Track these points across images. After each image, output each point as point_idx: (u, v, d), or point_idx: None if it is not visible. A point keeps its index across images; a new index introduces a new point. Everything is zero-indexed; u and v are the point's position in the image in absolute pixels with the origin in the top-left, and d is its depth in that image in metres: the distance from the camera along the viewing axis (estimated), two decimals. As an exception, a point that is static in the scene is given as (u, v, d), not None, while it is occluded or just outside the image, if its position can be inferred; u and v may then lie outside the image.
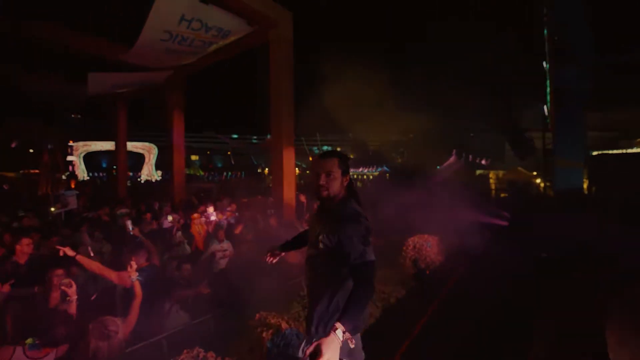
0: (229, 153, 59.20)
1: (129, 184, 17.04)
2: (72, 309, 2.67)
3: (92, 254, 4.18)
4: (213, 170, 50.35)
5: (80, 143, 38.40)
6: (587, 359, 2.22)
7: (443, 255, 6.32)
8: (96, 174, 40.71)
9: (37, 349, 2.13)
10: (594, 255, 5.40)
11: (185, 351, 2.43)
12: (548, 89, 5.92)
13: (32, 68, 10.38)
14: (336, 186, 1.75)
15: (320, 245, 1.71)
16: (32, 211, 8.00)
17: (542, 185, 12.99)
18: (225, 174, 47.08)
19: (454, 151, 16.66)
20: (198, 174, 45.68)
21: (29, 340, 2.09)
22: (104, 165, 48.24)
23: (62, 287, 2.67)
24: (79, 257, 3.20)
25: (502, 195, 16.17)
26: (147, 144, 41.49)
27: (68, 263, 3.24)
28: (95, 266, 3.32)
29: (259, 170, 49.03)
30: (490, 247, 7.48)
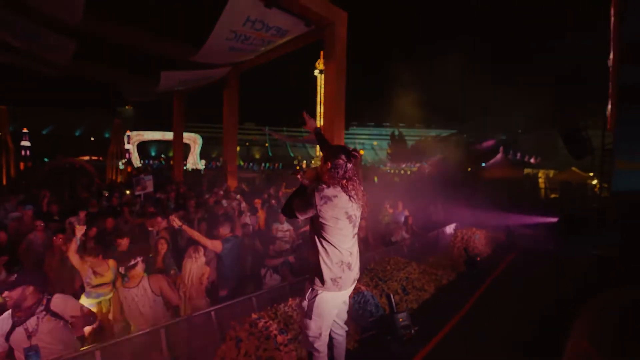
0: (266, 145, 61.25)
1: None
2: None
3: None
4: (252, 160, 52.53)
5: (134, 133, 41.82)
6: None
7: (490, 248, 6.60)
8: (147, 162, 44.28)
9: None
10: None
11: (291, 300, 3.10)
12: (610, 88, 5.82)
13: (102, 61, 11.55)
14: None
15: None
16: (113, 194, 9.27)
17: (597, 186, 12.44)
18: (263, 164, 48.77)
19: (501, 148, 16.27)
20: (238, 164, 47.89)
21: None
22: (153, 153, 52.20)
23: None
24: (184, 227, 3.99)
25: (552, 195, 15.61)
26: (192, 134, 44.10)
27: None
28: (195, 235, 4.10)
29: (295, 162, 50.43)
30: (538, 244, 7.56)
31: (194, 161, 43.11)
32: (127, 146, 40.85)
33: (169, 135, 44.64)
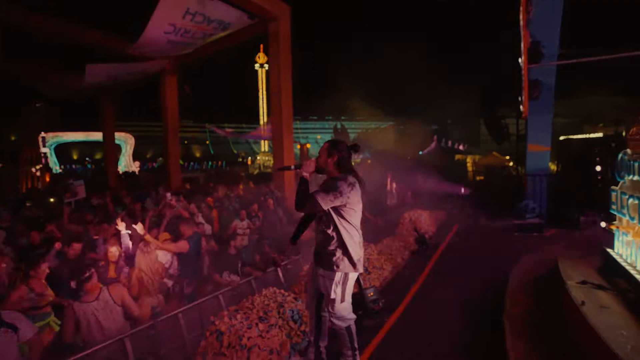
0: (207, 142, 58.34)
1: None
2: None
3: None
4: (193, 159, 49.66)
5: (51, 134, 36.87)
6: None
7: (435, 226, 7.35)
8: (68, 166, 39.33)
9: None
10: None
11: (264, 290, 3.17)
12: (523, 83, 6.84)
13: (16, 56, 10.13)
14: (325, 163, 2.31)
15: None
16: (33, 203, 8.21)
17: (514, 168, 14.45)
18: (205, 163, 46.47)
19: (435, 137, 17.85)
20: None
21: None
22: (75, 157, 46.53)
23: None
24: (147, 237, 3.79)
25: (478, 178, 17.64)
26: (122, 134, 40.22)
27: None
28: (159, 244, 3.94)
29: (239, 159, 48.92)
30: (473, 220, 8.59)
31: (127, 163, 39.45)
32: (42, 149, 35.85)
33: (94, 136, 40.15)
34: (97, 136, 38.69)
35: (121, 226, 4.04)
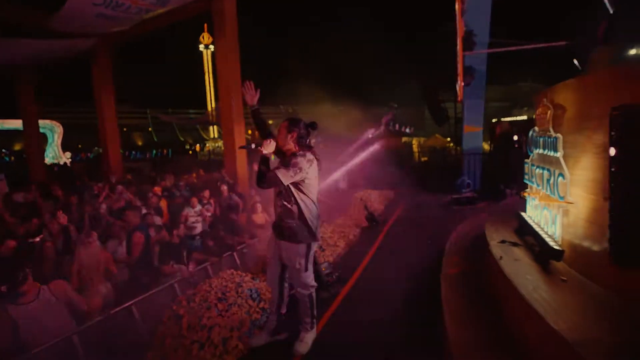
0: (150, 129, 54.17)
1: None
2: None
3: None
4: (134, 148, 45.93)
5: (-48, 123, 31.61)
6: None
7: (383, 204, 7.84)
8: (-24, 158, 34.17)
9: None
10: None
11: (221, 273, 3.21)
12: (458, 69, 7.46)
13: None
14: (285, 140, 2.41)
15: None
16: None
17: (454, 148, 15.77)
18: (150, 151, 43.25)
19: (384, 120, 18.61)
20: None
21: None
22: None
23: None
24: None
25: (423, 159, 18.89)
26: (48, 122, 35.73)
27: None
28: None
29: (187, 147, 46.33)
30: (418, 197, 9.28)
31: (56, 154, 35.28)
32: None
33: (11, 124, 35.05)
34: (16, 124, 33.93)
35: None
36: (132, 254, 3.79)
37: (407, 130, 22.32)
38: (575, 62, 6.52)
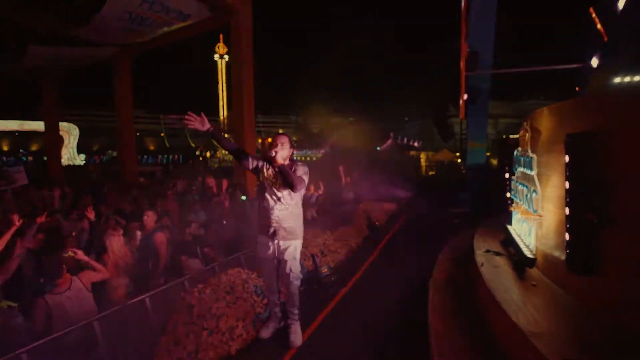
0: (162, 135, 55.48)
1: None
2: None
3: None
4: (146, 152, 47.04)
5: (-27, 122, 32.98)
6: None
7: (386, 216, 8.10)
8: (-2, 158, 35.41)
9: None
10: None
11: (230, 270, 3.52)
12: (462, 88, 7.76)
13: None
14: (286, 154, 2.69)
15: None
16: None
17: (461, 163, 15.99)
18: (160, 157, 44.24)
19: (392, 134, 18.97)
20: (130, 157, 42.14)
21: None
22: (5, 148, 41.89)
23: None
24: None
25: (430, 172, 19.11)
26: (65, 124, 37.02)
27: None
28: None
29: (197, 153, 47.24)
30: (420, 210, 9.51)
31: (71, 155, 36.39)
32: (-34, 139, 31.93)
33: (29, 125, 36.41)
34: (34, 126, 35.22)
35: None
36: (160, 254, 4.03)
37: (416, 144, 22.64)
38: (577, 88, 6.79)
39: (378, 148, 18.97)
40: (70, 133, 36.57)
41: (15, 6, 8.24)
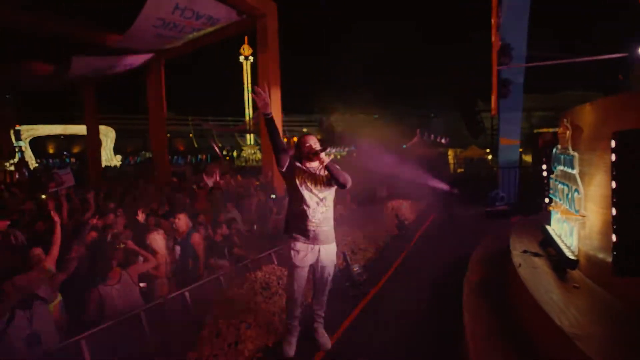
0: (191, 135, 57.48)
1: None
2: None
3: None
4: (175, 153, 48.92)
5: (25, 127, 35.58)
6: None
7: (414, 214, 8.01)
8: (45, 161, 38.08)
9: None
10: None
11: (264, 267, 3.68)
12: (493, 83, 7.48)
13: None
14: None
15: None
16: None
17: (492, 160, 15.42)
18: (189, 157, 45.85)
19: (418, 131, 18.61)
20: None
21: None
22: (51, 151, 44.98)
23: None
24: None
25: (459, 170, 18.56)
26: (102, 127, 39.15)
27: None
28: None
29: (224, 153, 48.55)
30: (450, 209, 9.29)
31: (108, 157, 38.53)
32: (17, 143, 34.58)
33: (72, 129, 38.88)
34: (75, 130, 37.62)
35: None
36: (198, 254, 4.18)
37: (443, 140, 22.07)
38: (620, 76, 6.39)
39: (404, 146, 18.68)
40: (107, 136, 38.76)
41: (57, 19, 8.90)
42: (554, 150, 3.18)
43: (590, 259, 2.43)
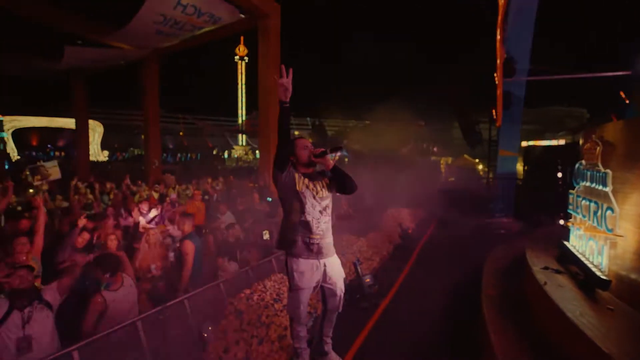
0: (181, 134, 56.59)
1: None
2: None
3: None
4: (164, 151, 48.05)
5: (8, 118, 34.33)
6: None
7: (414, 222, 7.95)
8: (27, 153, 36.77)
9: None
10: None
11: (273, 276, 3.50)
12: (497, 94, 7.56)
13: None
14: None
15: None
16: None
17: (483, 169, 15.61)
18: (179, 155, 45.10)
19: (410, 139, 18.70)
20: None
21: None
22: (34, 143, 43.52)
23: None
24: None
25: (450, 178, 18.73)
26: (90, 121, 38.07)
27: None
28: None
29: (214, 152, 47.93)
30: (448, 217, 9.30)
31: (95, 152, 37.52)
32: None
33: (59, 122, 37.72)
34: (62, 122, 36.48)
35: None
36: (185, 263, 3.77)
37: (435, 149, 22.28)
38: (622, 94, 6.50)
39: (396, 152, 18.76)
40: (95, 130, 37.72)
41: (52, 10, 8.55)
42: (577, 165, 3.14)
43: (622, 279, 2.37)
